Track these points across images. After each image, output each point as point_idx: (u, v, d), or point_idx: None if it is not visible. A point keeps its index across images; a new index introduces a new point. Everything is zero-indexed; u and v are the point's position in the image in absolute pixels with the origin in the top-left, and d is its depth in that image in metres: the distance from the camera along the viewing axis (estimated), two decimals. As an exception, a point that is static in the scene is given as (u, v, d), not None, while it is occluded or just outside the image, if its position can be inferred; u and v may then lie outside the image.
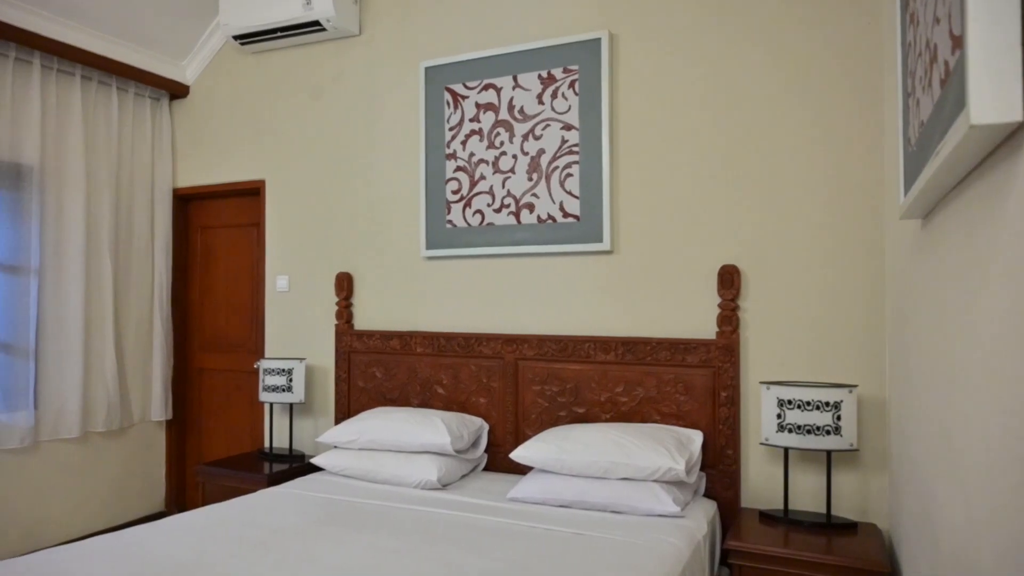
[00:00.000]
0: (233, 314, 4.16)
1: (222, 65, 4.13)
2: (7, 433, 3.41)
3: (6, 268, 3.44)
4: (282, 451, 3.64)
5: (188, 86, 4.23)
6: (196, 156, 4.20)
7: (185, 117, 4.25)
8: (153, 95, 4.16)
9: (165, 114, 4.22)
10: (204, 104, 4.18)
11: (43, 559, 2.05)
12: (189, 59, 4.19)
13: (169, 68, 4.13)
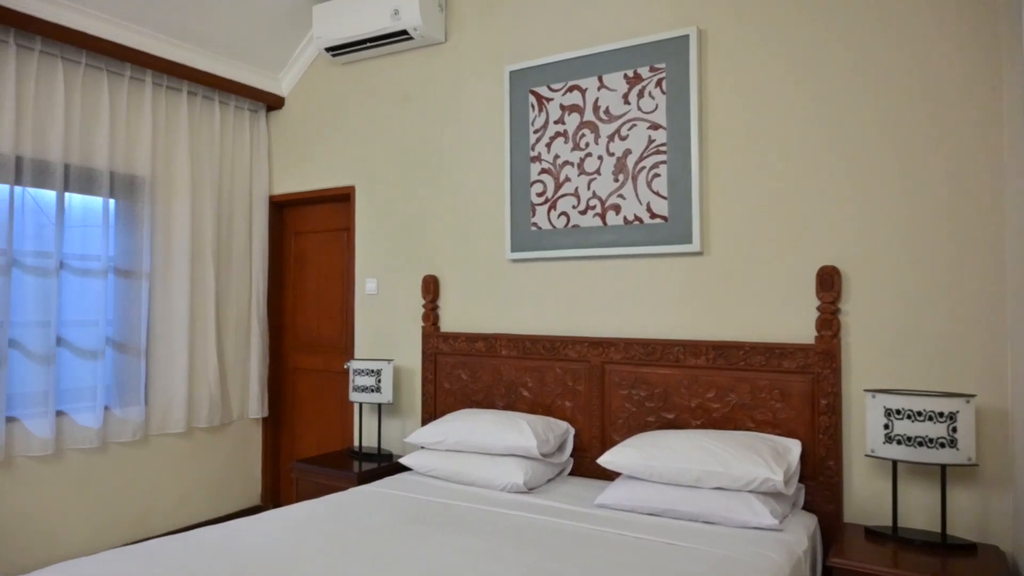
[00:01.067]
0: (324, 316, 4.30)
1: (315, 76, 4.28)
2: (122, 427, 3.64)
3: (121, 272, 3.68)
4: (371, 450, 3.72)
5: (283, 97, 4.41)
6: (290, 164, 4.38)
7: (280, 127, 4.44)
8: (252, 107, 4.37)
9: (262, 125, 4.42)
10: (298, 114, 4.35)
11: (153, 548, 2.16)
12: (284, 72, 4.37)
13: (266, 81, 4.32)
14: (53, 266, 3.35)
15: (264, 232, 4.36)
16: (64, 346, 3.44)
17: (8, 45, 3.22)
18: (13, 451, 3.23)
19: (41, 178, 3.35)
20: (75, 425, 3.46)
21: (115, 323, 3.64)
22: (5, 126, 3.20)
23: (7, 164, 3.20)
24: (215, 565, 2.00)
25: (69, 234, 3.48)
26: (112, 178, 3.64)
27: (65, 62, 3.45)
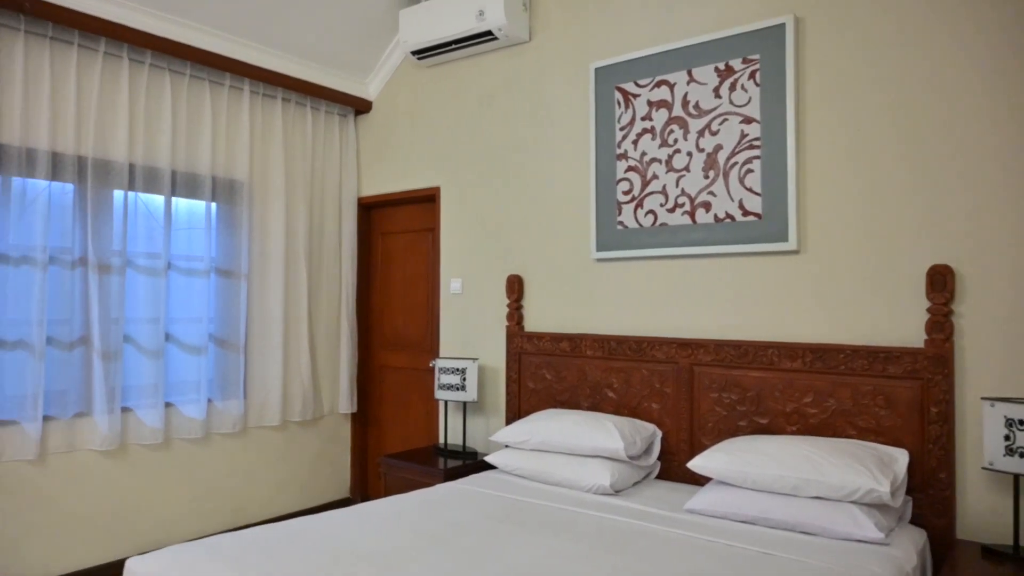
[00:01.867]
0: (410, 315, 4.39)
1: (401, 80, 4.37)
2: (223, 419, 3.83)
3: (222, 272, 3.87)
4: (456, 447, 3.77)
5: (371, 101, 4.53)
6: (378, 166, 4.49)
7: (368, 130, 4.56)
8: (341, 112, 4.50)
9: (351, 128, 4.55)
10: (385, 117, 4.46)
11: (256, 536, 2.26)
12: (372, 76, 4.49)
13: (355, 86, 4.45)
14: (162, 267, 3.56)
15: (353, 233, 4.50)
16: (172, 342, 3.65)
17: (122, 60, 3.45)
18: (128, 439, 3.46)
19: (151, 184, 3.56)
20: (181, 416, 3.66)
21: (217, 320, 3.84)
22: (120, 136, 3.42)
23: (121, 172, 3.42)
24: (314, 555, 2.07)
25: (176, 236, 3.68)
26: (214, 183, 3.83)
27: (172, 74, 3.66)
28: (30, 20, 3.13)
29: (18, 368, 3.11)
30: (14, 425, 3.09)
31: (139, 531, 3.50)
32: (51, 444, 3.21)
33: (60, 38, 3.24)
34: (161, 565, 2.03)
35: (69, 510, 3.26)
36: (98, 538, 3.35)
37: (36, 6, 3.05)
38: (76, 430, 3.29)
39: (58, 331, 3.23)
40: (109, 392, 3.33)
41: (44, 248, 3.14)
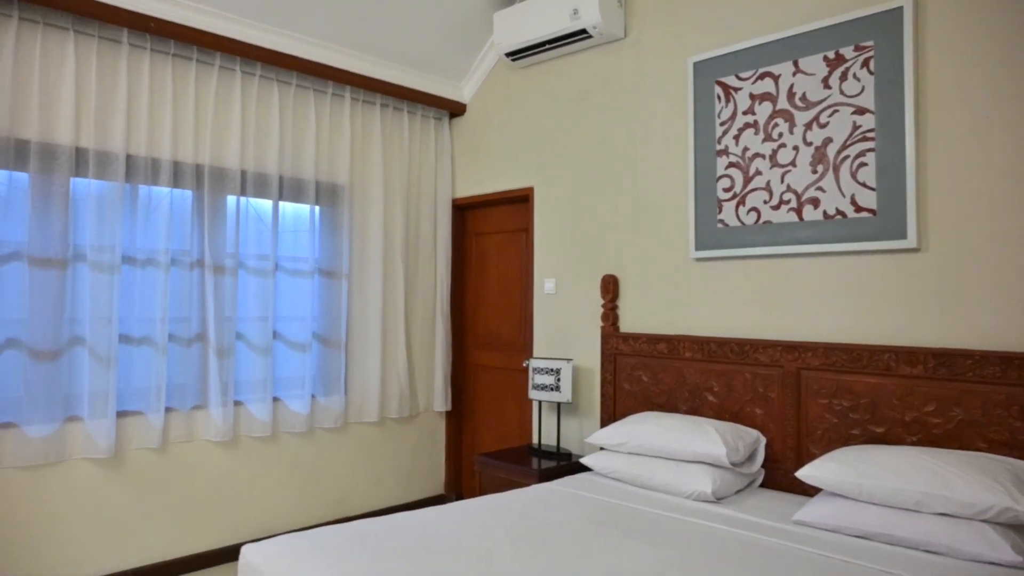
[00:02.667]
0: (504, 314, 4.41)
1: (494, 82, 4.41)
2: (326, 414, 3.98)
3: (325, 273, 4.02)
4: (550, 448, 3.76)
5: (465, 104, 4.59)
6: (472, 168, 4.54)
7: (462, 133, 4.62)
8: (436, 115, 4.59)
9: (445, 131, 4.63)
10: (479, 119, 4.51)
11: (361, 529, 2.32)
12: (466, 80, 4.55)
13: (449, 89, 4.52)
14: (270, 268, 3.74)
15: (448, 234, 4.57)
16: (279, 339, 3.83)
17: (235, 72, 3.64)
18: (239, 431, 3.65)
19: (260, 189, 3.74)
20: (287, 410, 3.83)
21: (320, 319, 3.99)
22: (232, 145, 3.61)
23: (234, 178, 3.61)
24: (415, 551, 2.11)
25: (282, 239, 3.86)
26: (317, 187, 3.99)
27: (279, 84, 3.83)
28: (155, 39, 3.36)
29: (144, 363, 3.34)
30: (140, 416, 3.33)
31: (249, 518, 3.69)
32: (172, 434, 3.43)
33: (180, 54, 3.46)
34: (274, 553, 2.12)
35: (187, 496, 3.47)
36: (213, 523, 3.56)
37: (160, 25, 3.27)
38: (194, 421, 3.50)
39: (178, 328, 3.45)
40: (223, 386, 3.53)
41: (167, 251, 3.36)
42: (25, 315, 2.99)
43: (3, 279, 2.97)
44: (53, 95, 3.09)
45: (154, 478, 3.36)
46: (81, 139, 3.16)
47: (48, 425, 3.03)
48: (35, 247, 3.01)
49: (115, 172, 3.23)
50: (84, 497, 3.16)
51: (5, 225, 2.98)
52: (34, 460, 3.01)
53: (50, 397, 3.04)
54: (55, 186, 3.08)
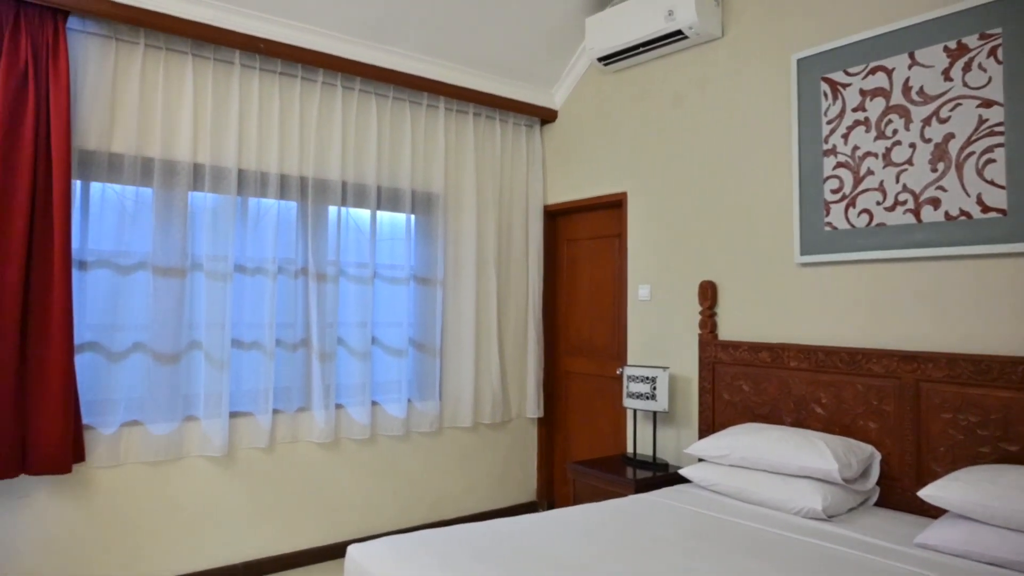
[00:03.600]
0: (596, 321, 4.37)
1: (586, 88, 4.39)
2: (421, 418, 4.06)
3: (420, 280, 4.11)
4: (645, 458, 3.69)
5: (556, 111, 4.59)
6: (563, 174, 4.53)
7: (553, 139, 4.62)
8: (527, 122, 4.61)
9: (536, 138, 4.64)
10: (570, 126, 4.50)
11: (461, 533, 2.35)
12: (557, 86, 4.55)
13: (541, 96, 4.54)
14: (369, 275, 3.85)
15: (539, 240, 4.58)
16: (377, 345, 3.94)
17: (335, 88, 3.78)
18: (340, 433, 3.77)
19: (360, 199, 3.87)
20: (385, 414, 3.93)
21: (415, 325, 4.08)
22: (334, 157, 3.76)
23: (336, 189, 3.75)
24: (516, 557, 2.11)
25: (380, 247, 3.97)
26: (413, 196, 4.09)
27: (377, 97, 3.95)
28: (264, 59, 3.54)
29: (254, 366, 3.51)
30: (250, 416, 3.50)
31: (350, 517, 3.81)
32: (279, 434, 3.59)
33: (287, 72, 3.63)
34: (379, 554, 2.17)
35: (293, 495, 3.62)
36: (316, 521, 3.69)
37: (269, 46, 3.44)
38: (298, 423, 3.65)
39: (284, 334, 3.61)
40: (325, 389, 3.66)
41: (274, 259, 3.53)
42: (149, 321, 3.20)
43: (131, 287, 3.19)
44: (174, 115, 3.31)
45: (262, 476, 3.53)
46: (198, 156, 3.37)
47: (169, 424, 3.24)
48: (158, 257, 3.22)
49: (228, 186, 3.42)
50: (200, 492, 3.35)
51: (133, 237, 3.21)
52: (157, 456, 3.21)
53: (171, 398, 3.24)
54: (176, 200, 3.29)
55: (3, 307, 2.76)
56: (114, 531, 3.12)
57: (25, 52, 2.87)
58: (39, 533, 2.95)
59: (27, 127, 2.85)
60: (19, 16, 2.87)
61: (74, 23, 3.06)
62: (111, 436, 3.12)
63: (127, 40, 3.19)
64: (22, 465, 2.84)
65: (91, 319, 3.11)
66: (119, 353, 3.16)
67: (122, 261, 3.18)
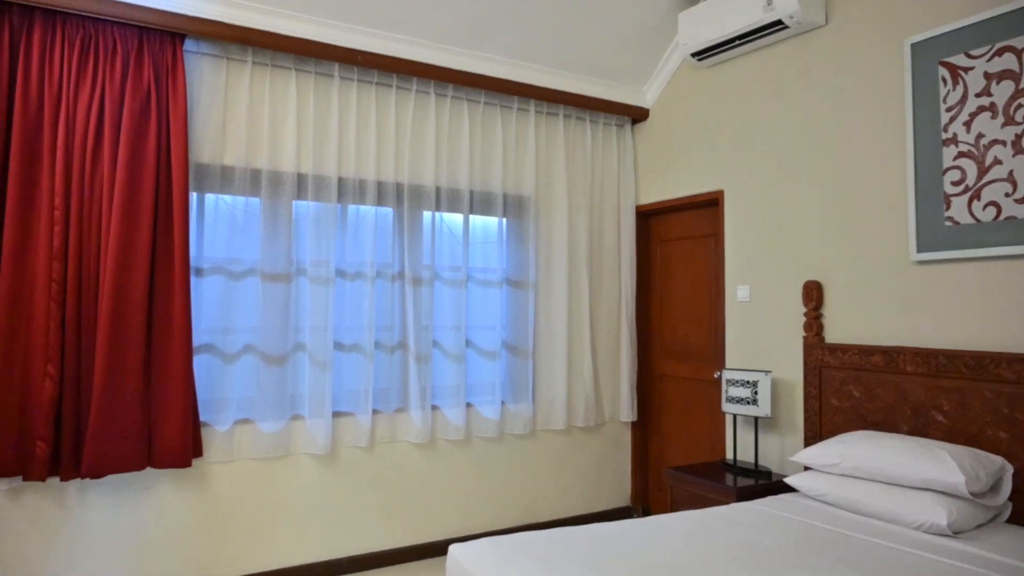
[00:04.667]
0: (692, 323, 4.26)
1: (678, 84, 4.29)
2: (515, 420, 4.08)
3: (512, 283, 4.13)
4: (746, 465, 3.56)
5: (648, 109, 4.51)
6: (655, 174, 4.45)
7: (645, 138, 4.55)
8: (618, 122, 4.55)
9: (628, 138, 4.58)
10: (662, 124, 4.41)
11: (559, 536, 2.33)
12: (648, 84, 4.47)
13: (631, 95, 4.47)
14: (462, 278, 3.91)
15: (632, 241, 4.51)
16: (471, 347, 3.99)
17: (429, 95, 3.86)
18: (436, 434, 3.84)
19: (453, 204, 3.93)
20: (480, 416, 3.97)
21: (508, 328, 4.11)
22: (428, 163, 3.83)
23: (430, 195, 3.83)
24: (618, 563, 2.07)
25: (472, 250, 4.02)
26: (505, 199, 4.11)
27: (469, 103, 4.01)
28: (361, 71, 3.66)
29: (354, 368, 3.63)
30: (351, 416, 3.61)
31: (447, 517, 3.87)
32: (378, 434, 3.69)
33: (382, 82, 3.73)
34: (481, 554, 2.19)
35: (392, 493, 3.71)
36: (414, 520, 3.77)
37: (367, 58, 3.55)
38: (396, 423, 3.74)
39: (382, 336, 3.71)
40: (422, 391, 3.74)
41: (372, 264, 3.63)
42: (258, 324, 3.37)
43: (241, 292, 3.37)
44: (279, 128, 3.47)
45: (363, 474, 3.64)
46: (302, 166, 3.51)
47: (277, 422, 3.39)
48: (266, 264, 3.38)
49: (329, 194, 3.55)
50: (305, 488, 3.49)
51: (242, 244, 3.39)
52: (266, 453, 3.37)
53: (279, 397, 3.39)
54: (281, 209, 3.44)
55: (131, 312, 2.97)
56: (227, 523, 3.30)
57: (148, 74, 3.08)
58: (162, 522, 3.16)
59: (150, 144, 3.05)
60: (142, 41, 3.08)
61: (189, 45, 3.26)
62: (225, 433, 3.29)
63: (237, 59, 3.37)
64: (148, 458, 3.04)
65: (206, 323, 3.30)
66: (232, 355, 3.34)
67: (233, 268, 3.36)
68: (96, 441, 2.87)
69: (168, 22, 3.09)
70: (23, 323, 2.83)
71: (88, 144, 2.95)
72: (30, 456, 2.82)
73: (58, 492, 2.97)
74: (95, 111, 2.97)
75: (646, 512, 4.58)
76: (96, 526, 3.03)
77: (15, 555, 2.89)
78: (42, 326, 2.84)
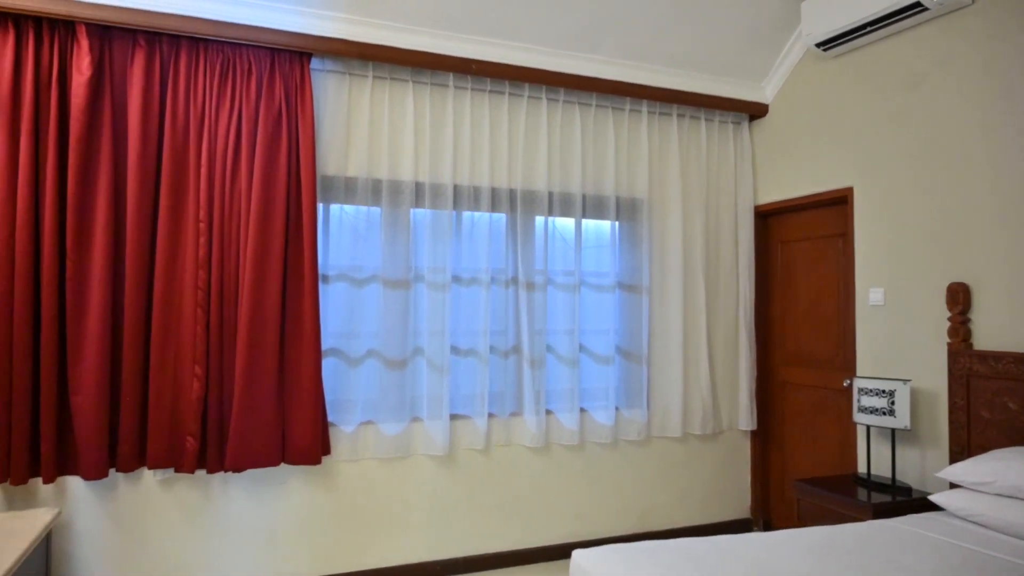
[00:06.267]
0: (817, 328, 4.04)
1: (801, 77, 4.09)
2: (628, 427, 4.02)
3: (625, 287, 4.07)
4: (881, 479, 3.33)
5: (767, 105, 4.33)
6: (775, 172, 4.26)
7: (764, 135, 4.36)
8: (734, 119, 4.40)
9: (745, 135, 4.41)
10: (783, 119, 4.21)
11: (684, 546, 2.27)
12: (767, 79, 4.29)
13: (749, 91, 4.30)
14: (575, 283, 3.89)
15: (750, 243, 4.33)
16: (584, 352, 3.96)
17: (540, 100, 3.88)
18: (550, 438, 3.84)
19: (565, 208, 3.92)
20: (593, 421, 3.94)
21: (621, 333, 4.05)
22: (540, 168, 3.85)
23: (542, 200, 3.84)
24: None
25: (585, 255, 4.00)
26: (617, 203, 4.06)
27: (580, 106, 3.99)
28: (474, 79, 3.73)
29: (470, 372, 3.69)
30: (468, 419, 3.68)
31: (561, 522, 3.86)
32: (494, 437, 3.73)
33: (495, 90, 3.79)
34: (605, 562, 2.16)
35: (507, 496, 3.75)
36: (529, 523, 3.79)
37: (481, 66, 3.61)
38: (511, 427, 3.77)
39: (497, 341, 3.75)
40: (535, 395, 3.75)
41: (487, 270, 3.69)
42: (380, 329, 3.49)
43: (364, 299, 3.50)
44: (398, 139, 3.59)
45: (479, 476, 3.69)
46: (419, 174, 3.62)
47: (398, 424, 3.50)
48: (387, 270, 3.50)
49: (444, 201, 3.63)
50: (425, 489, 3.58)
51: (365, 252, 3.53)
52: (388, 454, 3.49)
53: (399, 400, 3.50)
54: (400, 217, 3.56)
55: (267, 318, 3.16)
56: (352, 519, 3.44)
57: (279, 92, 3.27)
58: (293, 515, 3.33)
59: (282, 159, 3.24)
60: (274, 62, 3.28)
61: (315, 63, 3.44)
62: (351, 434, 3.44)
63: (358, 74, 3.52)
64: (282, 455, 3.22)
65: (333, 327, 3.46)
66: (356, 358, 3.48)
67: (356, 275, 3.50)
68: (238, 437, 3.07)
69: (297, 43, 3.26)
70: (174, 326, 3.07)
71: (228, 160, 3.17)
72: (181, 450, 3.05)
73: (204, 484, 3.20)
74: (233, 129, 3.18)
75: (767, 525, 4.38)
76: (236, 516, 3.24)
77: (168, 538, 3.14)
78: (190, 330, 3.07)
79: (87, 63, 2.95)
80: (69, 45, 2.98)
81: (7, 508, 2.91)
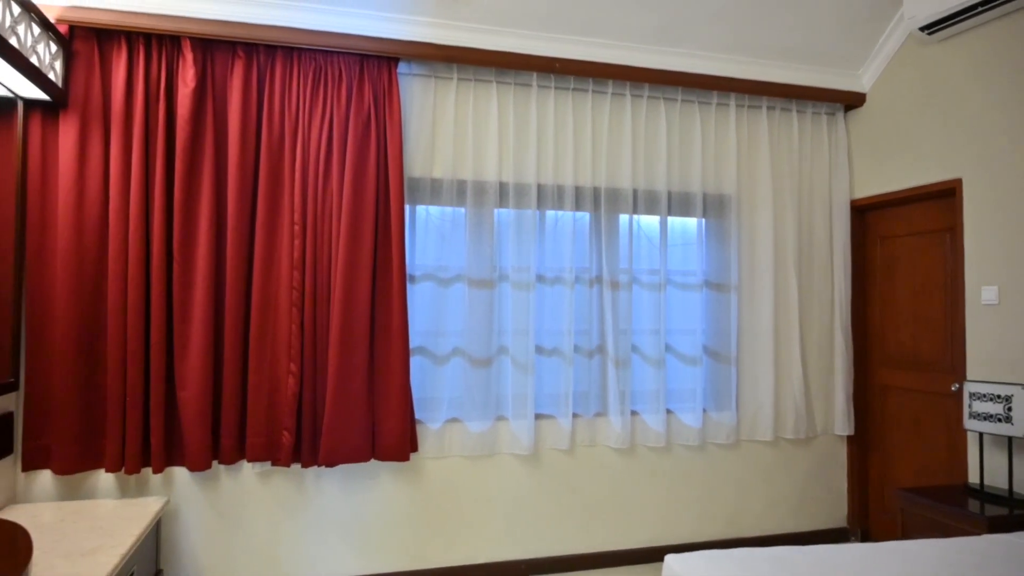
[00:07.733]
0: (921, 329, 3.81)
1: (902, 64, 3.86)
2: (717, 429, 3.91)
3: (712, 286, 3.96)
4: (996, 491, 3.11)
5: (864, 94, 4.12)
6: (873, 165, 4.04)
7: (861, 126, 4.15)
8: (828, 110, 4.20)
9: (840, 127, 4.21)
10: (882, 108, 4.00)
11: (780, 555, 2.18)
12: (864, 68, 4.08)
13: (843, 80, 4.11)
14: (660, 282, 3.81)
15: (845, 239, 4.13)
16: (670, 352, 3.88)
17: (624, 97, 3.82)
18: (635, 440, 3.79)
19: (650, 206, 3.85)
20: (680, 423, 3.85)
21: (709, 332, 3.94)
22: (625, 166, 3.79)
23: (627, 198, 3.78)
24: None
25: (671, 253, 3.91)
26: (704, 199, 3.96)
27: (665, 101, 3.91)
28: (558, 78, 3.71)
29: (554, 371, 3.68)
30: (552, 419, 3.67)
31: (646, 525, 3.79)
32: (578, 437, 3.71)
33: (578, 88, 3.76)
34: (698, 569, 2.10)
35: (592, 497, 3.71)
36: (614, 525, 3.74)
37: (564, 64, 3.59)
38: (596, 427, 3.74)
39: (581, 340, 3.72)
40: (620, 396, 3.70)
41: (571, 269, 3.66)
42: (465, 328, 3.53)
43: (450, 298, 3.55)
44: (482, 140, 3.62)
45: (564, 476, 3.67)
46: (503, 175, 3.63)
47: (483, 422, 3.53)
48: (472, 270, 3.54)
49: (528, 201, 3.63)
50: (510, 488, 3.59)
51: (450, 252, 3.57)
52: (474, 451, 3.52)
53: (485, 399, 3.53)
54: (484, 217, 3.58)
55: (357, 317, 3.25)
56: (439, 516, 3.49)
57: (368, 97, 3.35)
58: (382, 510, 3.41)
59: (371, 162, 3.32)
60: (363, 67, 3.36)
61: (402, 67, 3.50)
62: (437, 431, 3.49)
63: (443, 76, 3.57)
64: (372, 451, 3.30)
65: (419, 326, 3.51)
66: (442, 357, 3.53)
67: (442, 274, 3.55)
68: (331, 433, 3.17)
69: (384, 48, 3.34)
70: (270, 325, 3.20)
71: (320, 164, 3.27)
72: (277, 444, 3.17)
73: (298, 477, 3.32)
74: (325, 134, 3.29)
75: (864, 535, 4.17)
76: (328, 509, 3.35)
77: (265, 528, 3.27)
78: (285, 328, 3.19)
79: (191, 75, 3.11)
80: (175, 59, 3.15)
81: (121, 496, 3.11)
